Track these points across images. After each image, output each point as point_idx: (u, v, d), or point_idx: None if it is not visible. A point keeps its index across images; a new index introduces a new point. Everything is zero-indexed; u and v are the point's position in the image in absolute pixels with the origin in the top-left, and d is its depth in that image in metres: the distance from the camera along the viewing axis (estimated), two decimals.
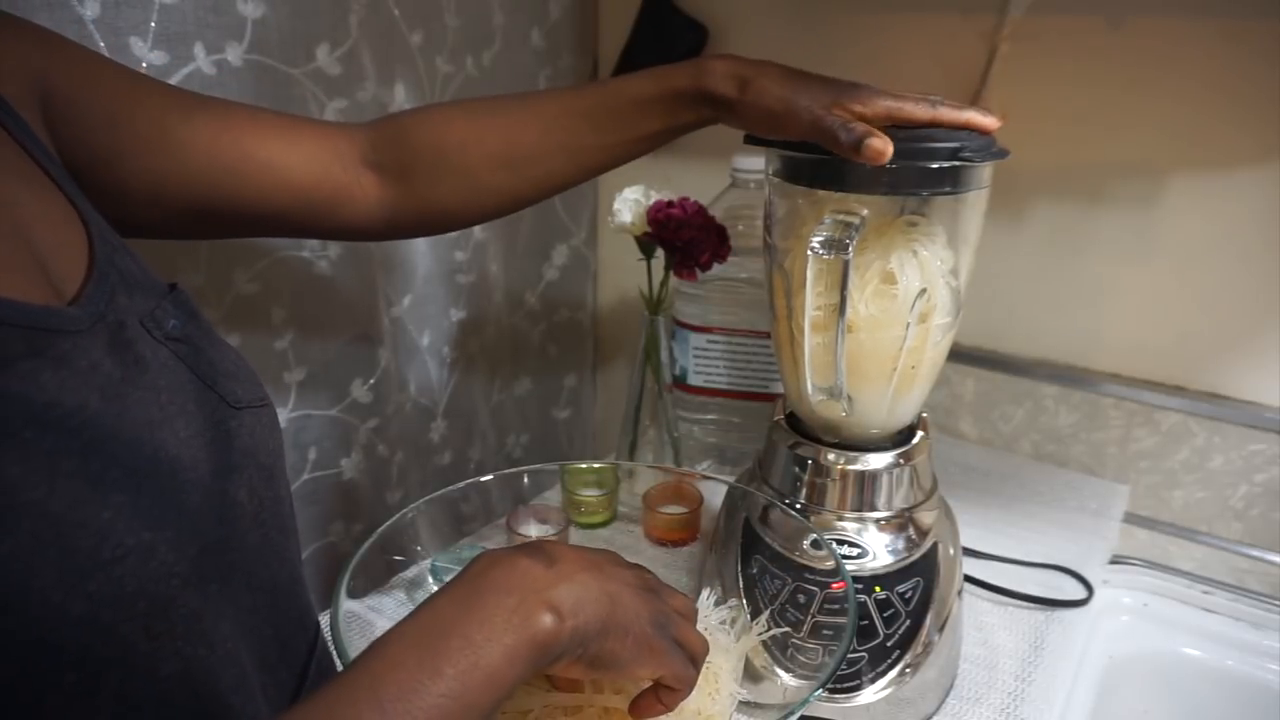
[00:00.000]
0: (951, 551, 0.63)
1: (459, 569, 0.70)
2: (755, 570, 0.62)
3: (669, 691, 0.44)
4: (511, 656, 0.36)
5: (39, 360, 0.35)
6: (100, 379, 0.38)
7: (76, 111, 0.47)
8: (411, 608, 0.40)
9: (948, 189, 0.55)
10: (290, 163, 0.55)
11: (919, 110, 0.54)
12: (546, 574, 0.39)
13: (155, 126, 0.51)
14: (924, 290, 0.56)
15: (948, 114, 0.54)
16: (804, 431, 0.64)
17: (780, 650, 0.59)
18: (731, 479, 0.71)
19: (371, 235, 0.63)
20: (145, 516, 0.37)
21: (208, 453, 0.42)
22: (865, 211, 0.53)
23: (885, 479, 0.61)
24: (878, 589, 0.59)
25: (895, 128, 0.53)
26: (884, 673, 0.60)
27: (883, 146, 0.49)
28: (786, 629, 0.59)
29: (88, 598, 0.34)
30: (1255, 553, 0.87)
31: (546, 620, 0.37)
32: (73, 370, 0.37)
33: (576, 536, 0.77)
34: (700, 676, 0.51)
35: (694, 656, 0.44)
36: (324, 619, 0.56)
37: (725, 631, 0.59)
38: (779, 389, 0.82)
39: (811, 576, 0.59)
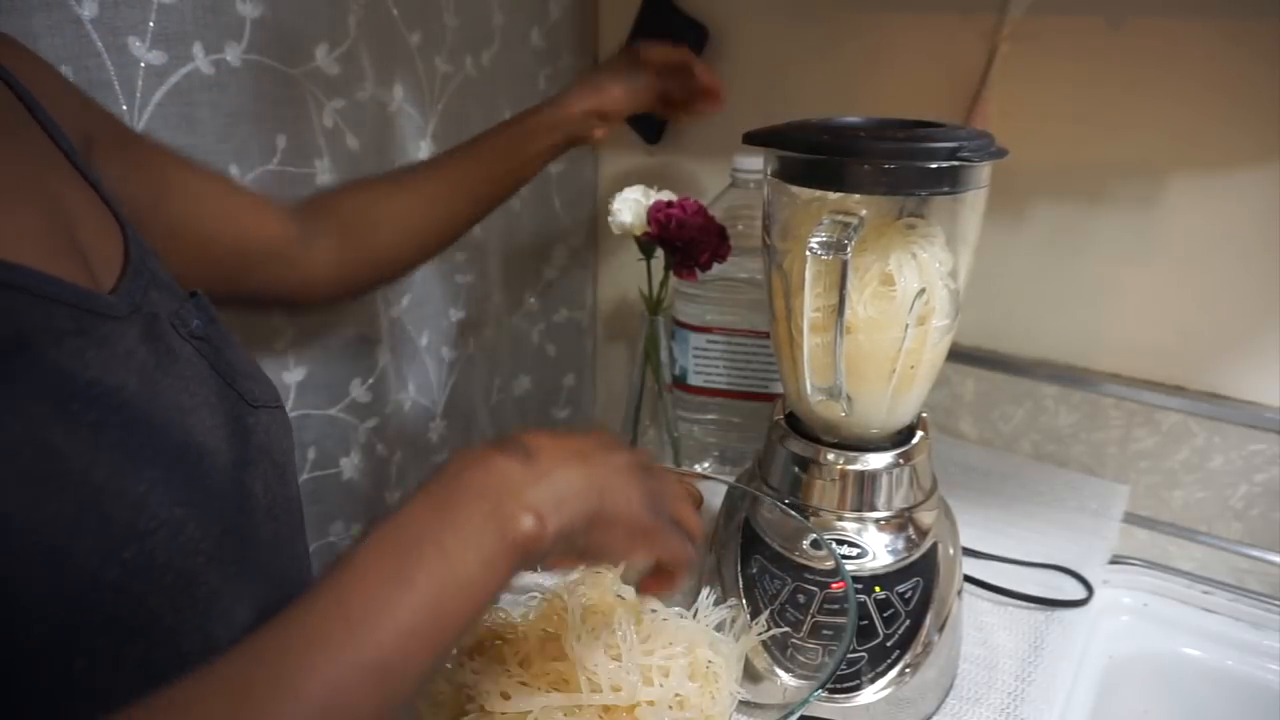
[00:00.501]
0: (951, 551, 0.63)
1: None
2: (755, 570, 0.62)
3: (669, 574, 0.44)
4: (490, 564, 0.34)
5: (84, 339, 0.37)
6: (137, 364, 0.40)
7: (121, 155, 0.52)
8: None
9: (946, 189, 0.55)
10: (265, 220, 0.63)
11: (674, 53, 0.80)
12: (525, 472, 0.37)
13: (178, 177, 0.57)
14: (922, 291, 0.56)
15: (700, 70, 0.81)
16: (804, 431, 0.64)
17: (780, 650, 0.59)
18: (731, 479, 0.71)
19: (327, 287, 0.69)
20: (177, 493, 0.38)
21: (228, 444, 0.44)
22: (864, 212, 0.53)
23: (885, 479, 0.61)
24: (877, 589, 0.59)
25: (896, 129, 0.53)
26: (884, 673, 0.60)
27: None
28: (786, 629, 0.59)
29: (122, 565, 0.35)
30: (1255, 553, 0.87)
31: (526, 524, 0.35)
32: (113, 352, 0.39)
33: None
34: (700, 676, 0.51)
35: (691, 534, 0.44)
36: None
37: (725, 632, 0.59)
38: (779, 389, 0.82)
39: (811, 576, 0.59)
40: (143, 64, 0.64)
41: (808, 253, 0.52)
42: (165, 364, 0.42)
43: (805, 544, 0.60)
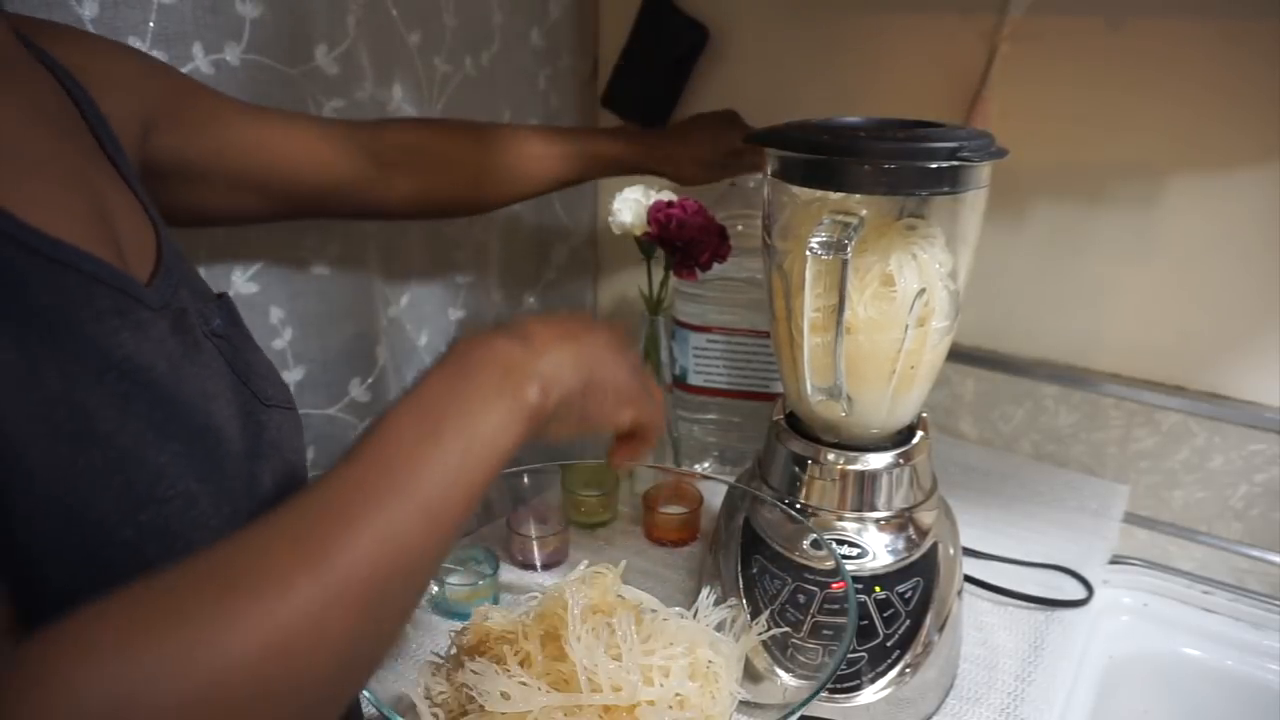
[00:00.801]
0: (951, 551, 0.63)
1: (459, 568, 0.71)
2: (755, 570, 0.62)
3: (641, 438, 0.50)
4: (505, 427, 0.38)
5: (122, 320, 0.40)
6: (166, 350, 0.43)
7: (179, 125, 0.57)
8: None
9: (946, 189, 0.55)
10: (334, 159, 0.67)
11: None
12: (525, 352, 0.41)
13: (236, 132, 0.61)
14: (922, 292, 0.56)
15: None
16: (804, 431, 0.64)
17: (780, 650, 0.59)
18: (731, 479, 0.71)
19: (404, 213, 0.76)
20: (194, 469, 0.41)
21: (242, 435, 0.46)
22: (864, 212, 0.53)
23: (885, 479, 0.61)
24: (878, 589, 0.59)
25: (896, 129, 0.53)
26: (884, 673, 0.60)
27: None
28: (786, 629, 0.59)
29: (137, 527, 0.37)
30: (1255, 553, 0.87)
31: (533, 393, 0.40)
32: (146, 336, 0.41)
33: (577, 536, 0.77)
34: (700, 676, 0.51)
35: (658, 402, 0.50)
36: None
37: (725, 632, 0.59)
38: (779, 389, 0.82)
39: (811, 576, 0.59)
40: None
41: (808, 253, 0.52)
42: (191, 355, 0.45)
43: (805, 544, 0.60)
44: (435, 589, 0.66)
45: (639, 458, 0.51)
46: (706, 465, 0.96)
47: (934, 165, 0.53)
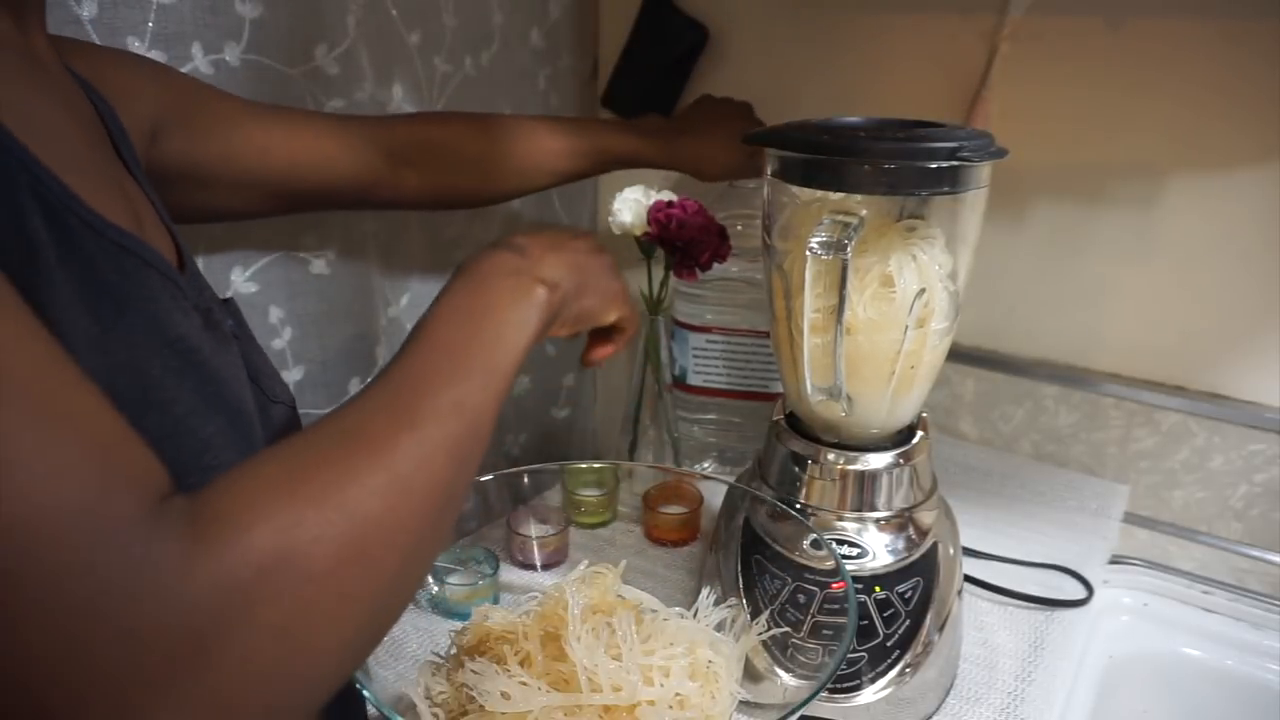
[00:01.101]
0: (951, 551, 0.63)
1: (459, 568, 0.71)
2: (755, 570, 0.62)
3: (620, 332, 0.56)
4: (526, 321, 0.44)
5: (173, 304, 0.43)
6: (206, 338, 0.46)
7: (186, 129, 0.59)
8: (410, 605, 0.42)
9: (946, 189, 0.55)
10: (342, 157, 0.68)
11: None
12: (524, 261, 0.46)
13: (243, 134, 0.62)
14: (922, 292, 0.56)
15: None
16: (804, 431, 0.64)
17: (780, 650, 0.59)
18: (731, 479, 0.71)
19: (415, 205, 0.77)
20: (235, 444, 0.44)
21: (260, 426, 0.49)
22: (864, 212, 0.54)
23: (885, 479, 0.61)
24: (878, 589, 0.59)
25: (896, 129, 0.53)
26: (884, 673, 0.60)
27: None
28: (786, 629, 0.59)
29: (185, 491, 0.39)
30: (1255, 553, 0.87)
31: (541, 292, 0.45)
32: (191, 323, 0.44)
33: (577, 536, 0.77)
34: (701, 676, 0.52)
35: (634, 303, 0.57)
36: None
37: (725, 632, 0.59)
38: (779, 389, 0.82)
39: (811, 576, 0.59)
40: None
41: (808, 253, 0.52)
42: (223, 347, 0.48)
43: (805, 544, 0.60)
44: (435, 589, 0.66)
45: (613, 355, 0.58)
46: (706, 465, 0.96)
47: (934, 165, 0.53)
